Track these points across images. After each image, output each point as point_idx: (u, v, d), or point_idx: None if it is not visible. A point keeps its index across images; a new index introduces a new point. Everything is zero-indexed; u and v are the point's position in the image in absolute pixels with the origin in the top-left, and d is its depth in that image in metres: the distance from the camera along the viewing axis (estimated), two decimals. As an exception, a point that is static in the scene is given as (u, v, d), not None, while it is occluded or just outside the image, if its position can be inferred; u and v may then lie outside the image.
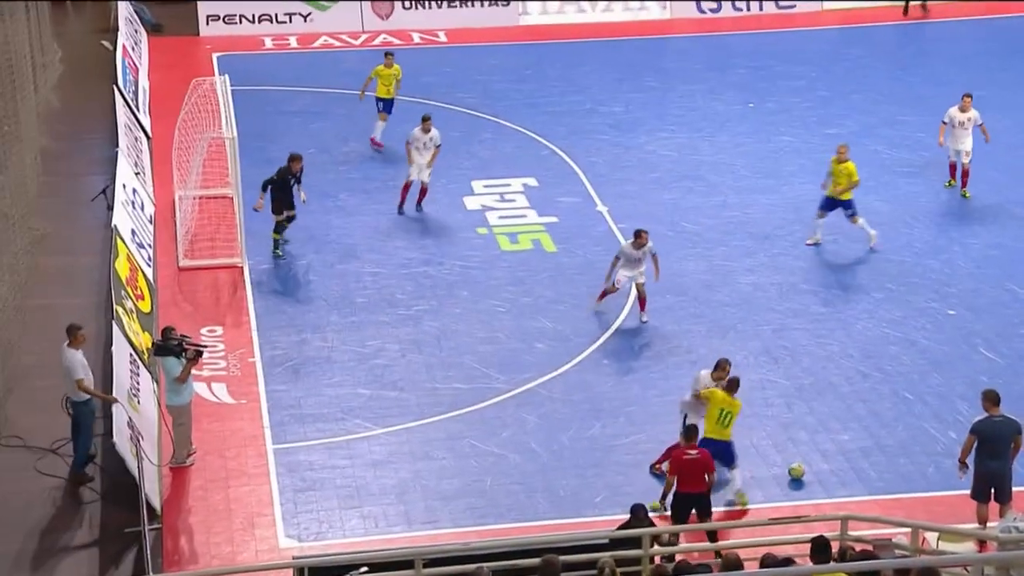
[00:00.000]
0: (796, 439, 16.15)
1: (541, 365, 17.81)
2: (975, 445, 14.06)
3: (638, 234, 18.43)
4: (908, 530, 13.19)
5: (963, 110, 21.40)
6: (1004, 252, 20.39)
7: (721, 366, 15.39)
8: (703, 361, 17.72)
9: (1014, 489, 14.16)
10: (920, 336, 18.30)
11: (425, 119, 21.61)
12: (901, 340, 18.22)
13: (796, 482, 15.47)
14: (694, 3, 30.25)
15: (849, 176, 19.99)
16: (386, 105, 23.66)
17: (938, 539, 13.52)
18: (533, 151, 24.04)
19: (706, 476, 14.10)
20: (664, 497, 14.42)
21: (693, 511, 14.16)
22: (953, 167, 21.89)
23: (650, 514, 13.54)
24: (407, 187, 21.63)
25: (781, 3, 30.46)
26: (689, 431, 14.34)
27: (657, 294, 19.00)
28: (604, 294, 18.69)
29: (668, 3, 30.25)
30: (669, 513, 14.34)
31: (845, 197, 20.07)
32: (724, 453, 14.90)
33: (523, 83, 27.02)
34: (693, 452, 14.11)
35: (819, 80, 26.93)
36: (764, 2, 30.34)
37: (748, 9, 30.33)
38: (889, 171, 22.97)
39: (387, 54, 23.97)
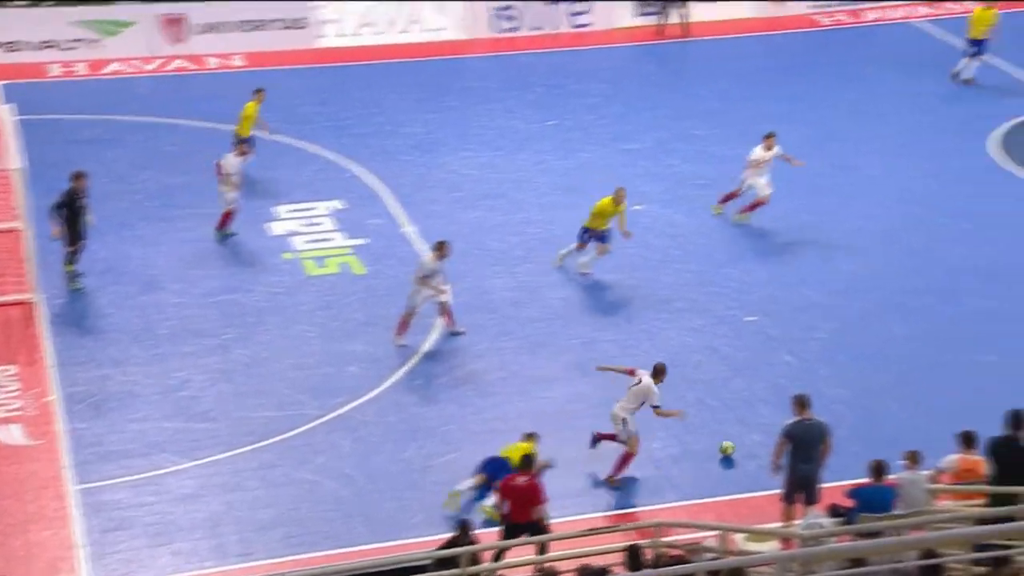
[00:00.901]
0: (608, 448, 16.37)
1: (354, 389, 17.64)
2: (788, 448, 14.49)
3: (440, 245, 18.44)
4: (717, 533, 13.52)
5: (768, 148, 21.66)
6: (796, 258, 21.13)
7: (660, 370, 15.87)
8: (515, 378, 17.95)
9: (822, 486, 14.65)
10: (721, 343, 18.81)
11: (242, 143, 21.37)
12: (704, 348, 18.70)
13: (617, 490, 15.69)
14: (487, 21, 30.50)
15: (621, 216, 20.14)
16: (249, 143, 22.60)
17: (745, 540, 13.89)
18: (337, 174, 23.86)
19: (533, 507, 14.03)
20: (501, 515, 14.34)
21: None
22: (735, 194, 21.91)
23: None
24: (231, 214, 21.27)
25: (575, 19, 30.97)
26: (525, 460, 14.42)
27: (466, 312, 19.05)
28: (404, 324, 18.57)
29: (469, 4, 30.36)
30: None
31: (603, 228, 20.06)
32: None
33: (324, 106, 26.81)
34: (521, 480, 14.18)
35: (614, 97, 27.49)
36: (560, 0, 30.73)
37: (543, 28, 30.79)
38: (685, 184, 23.57)
39: (258, 90, 23.22)
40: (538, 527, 14.11)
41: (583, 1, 30.78)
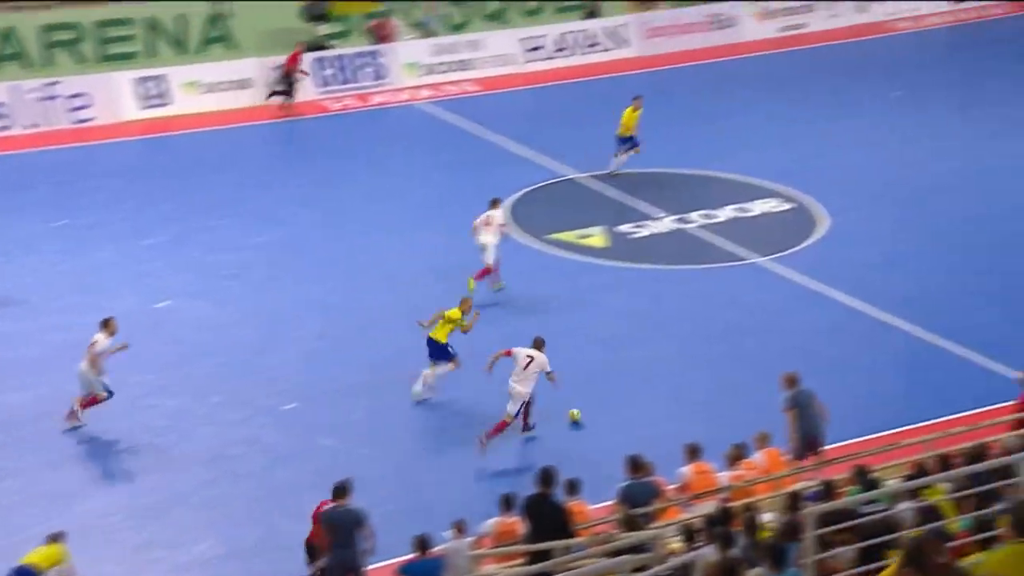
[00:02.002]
0: (153, 558, 15.60)
1: None
2: (328, 535, 14.36)
3: (107, 322, 18.02)
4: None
5: (497, 208, 22.36)
6: (329, 341, 21.11)
7: (541, 342, 17.96)
8: (41, 496, 16.73)
9: (368, 569, 14.60)
10: (263, 433, 18.47)
11: None
12: (245, 439, 18.28)
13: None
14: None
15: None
16: None
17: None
18: None
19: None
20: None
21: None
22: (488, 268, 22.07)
23: None
24: None
25: (75, 114, 29.78)
26: (338, 490, 14.47)
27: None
28: (92, 402, 18.01)
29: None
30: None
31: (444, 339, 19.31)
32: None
33: None
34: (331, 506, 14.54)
35: (127, 192, 26.60)
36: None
37: (42, 125, 29.35)
38: (212, 274, 23.10)
39: None
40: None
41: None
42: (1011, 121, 29.75)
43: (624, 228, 24.95)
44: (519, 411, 17.81)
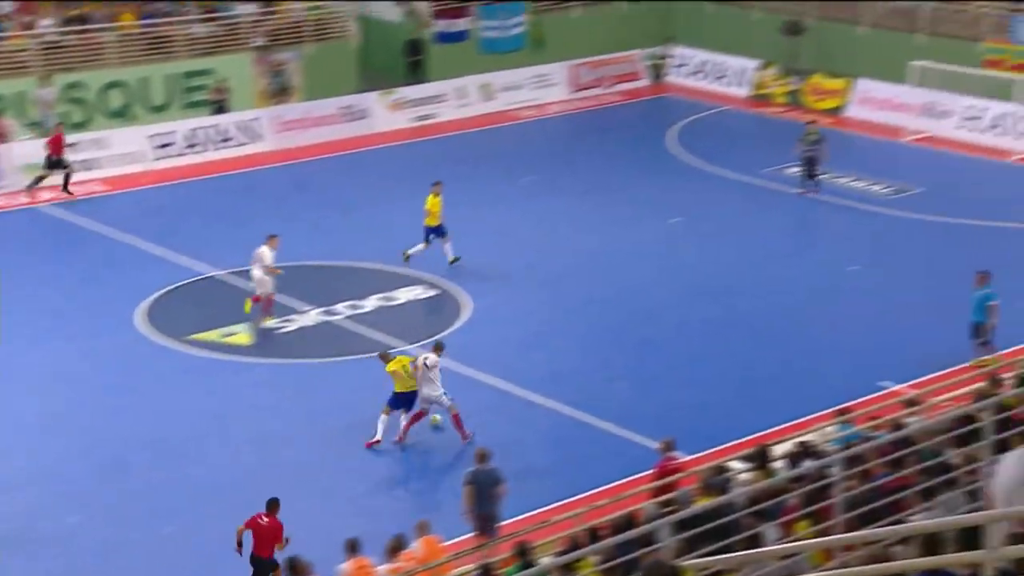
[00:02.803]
0: None
1: None
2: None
3: None
4: None
5: (272, 248, 23.97)
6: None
7: (440, 346, 20.55)
8: None
9: None
10: None
11: None
12: None
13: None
14: None
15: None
16: None
17: None
18: None
19: (276, 543, 15.48)
20: (239, 544, 15.62)
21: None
22: (269, 299, 24.34)
23: None
24: None
25: None
26: (270, 504, 15.62)
27: None
28: None
29: None
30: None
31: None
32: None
33: None
34: (264, 520, 15.53)
35: None
36: None
37: None
38: None
39: None
40: (275, 564, 15.35)
41: None
42: (630, 203, 31.46)
43: (269, 324, 24.55)
44: (449, 401, 20.03)
